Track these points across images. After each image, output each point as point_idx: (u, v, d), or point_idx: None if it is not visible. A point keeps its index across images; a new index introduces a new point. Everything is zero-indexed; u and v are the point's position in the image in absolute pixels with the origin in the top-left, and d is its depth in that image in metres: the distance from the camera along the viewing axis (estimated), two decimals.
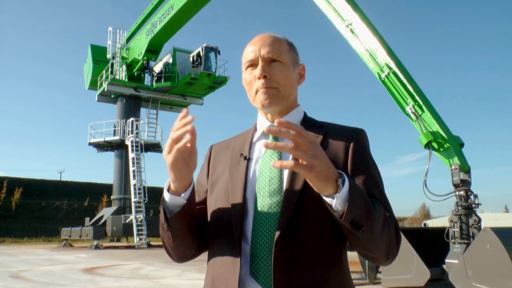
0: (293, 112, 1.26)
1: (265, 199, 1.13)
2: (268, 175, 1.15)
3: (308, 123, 1.25)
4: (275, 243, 1.06)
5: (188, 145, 1.05)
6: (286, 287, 1.04)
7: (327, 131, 1.22)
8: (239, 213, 1.13)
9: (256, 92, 1.21)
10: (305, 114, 1.30)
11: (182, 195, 1.11)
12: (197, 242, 1.22)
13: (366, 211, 1.00)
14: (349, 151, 1.17)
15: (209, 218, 1.23)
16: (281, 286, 1.04)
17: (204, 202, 1.28)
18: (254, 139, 1.27)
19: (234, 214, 1.14)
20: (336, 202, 0.97)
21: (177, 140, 1.03)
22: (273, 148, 0.91)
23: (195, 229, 1.19)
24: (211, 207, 1.23)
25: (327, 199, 0.99)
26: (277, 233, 1.06)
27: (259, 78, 1.19)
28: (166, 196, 1.12)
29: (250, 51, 1.22)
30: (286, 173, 1.15)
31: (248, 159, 1.22)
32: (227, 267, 1.12)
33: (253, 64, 1.23)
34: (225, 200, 1.18)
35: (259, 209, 1.12)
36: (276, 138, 1.21)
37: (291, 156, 1.13)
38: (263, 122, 1.27)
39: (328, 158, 0.96)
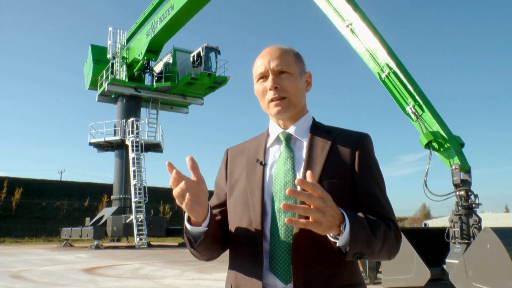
0: (303, 119, 1.37)
1: (282, 201, 1.22)
2: (283, 180, 1.26)
3: (317, 128, 1.36)
4: (293, 243, 1.19)
5: (194, 179, 1.16)
6: (303, 280, 1.17)
7: (335, 137, 1.32)
8: (259, 215, 1.25)
9: (269, 102, 1.32)
10: (313, 119, 1.39)
11: (203, 224, 1.22)
12: (220, 245, 1.34)
13: (367, 243, 1.11)
14: (355, 156, 1.27)
15: (230, 219, 1.35)
16: (300, 279, 1.17)
17: (224, 204, 1.40)
18: (268, 145, 1.37)
19: (254, 216, 1.25)
20: (339, 242, 1.10)
21: (181, 196, 1.13)
22: (290, 210, 1.02)
23: (217, 239, 1.31)
24: (231, 209, 1.35)
25: (331, 239, 1.12)
26: (294, 233, 1.19)
27: (270, 89, 1.31)
28: (188, 226, 1.23)
29: (260, 64, 1.33)
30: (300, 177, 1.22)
31: (263, 164, 1.32)
32: (250, 263, 1.24)
33: (263, 76, 1.34)
34: (245, 202, 1.29)
35: (276, 211, 1.24)
36: (288, 143, 1.32)
37: (303, 163, 1.27)
38: (275, 128, 1.37)
39: (335, 206, 1.07)
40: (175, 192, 1.13)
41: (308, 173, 1.05)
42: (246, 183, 1.31)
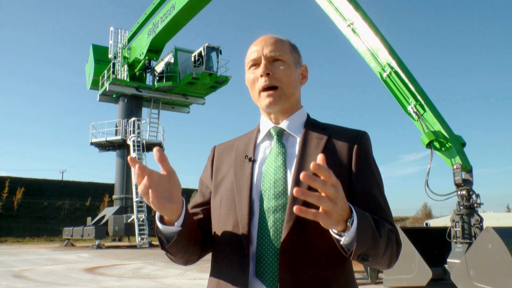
0: (297, 114, 1.27)
1: (271, 201, 1.14)
2: (273, 177, 1.16)
3: (311, 124, 1.26)
4: (281, 246, 1.08)
5: (164, 172, 1.05)
6: (292, 287, 1.06)
7: (330, 134, 1.22)
8: (246, 215, 1.14)
9: (260, 92, 1.22)
10: (308, 115, 1.30)
11: (176, 223, 1.10)
12: (200, 248, 1.23)
13: (373, 244, 1.01)
14: (353, 154, 1.18)
15: (213, 219, 1.25)
16: (287, 285, 1.06)
17: (208, 202, 1.29)
18: (258, 141, 1.28)
19: (241, 216, 1.15)
20: (344, 239, 0.99)
21: (145, 192, 1.01)
22: (303, 197, 0.88)
23: (195, 241, 1.20)
24: (215, 208, 1.24)
25: (335, 236, 1.01)
26: (283, 236, 1.08)
27: (261, 76, 1.21)
28: (160, 226, 1.11)
29: (253, 50, 1.25)
30: (290, 176, 1.16)
31: (253, 161, 1.23)
32: (234, 268, 1.13)
33: (256, 64, 1.24)
34: (231, 201, 1.19)
35: (265, 211, 1.14)
36: (280, 139, 1.23)
37: (295, 160, 1.17)
38: (266, 123, 1.28)
39: (345, 198, 0.95)
40: (140, 189, 1.01)
41: (320, 156, 0.92)
42: (233, 180, 1.21)
